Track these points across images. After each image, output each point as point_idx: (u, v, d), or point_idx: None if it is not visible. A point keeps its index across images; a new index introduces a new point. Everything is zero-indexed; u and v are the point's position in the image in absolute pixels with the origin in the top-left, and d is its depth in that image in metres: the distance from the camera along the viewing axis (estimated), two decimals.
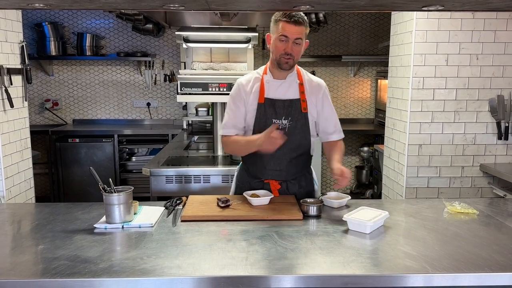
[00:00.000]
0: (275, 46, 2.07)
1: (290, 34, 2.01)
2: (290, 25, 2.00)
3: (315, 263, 1.46)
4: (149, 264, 1.43)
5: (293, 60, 2.08)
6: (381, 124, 4.97)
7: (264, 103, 2.15)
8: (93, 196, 4.49)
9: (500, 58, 3.15)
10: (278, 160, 2.17)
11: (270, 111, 2.14)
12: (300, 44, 2.06)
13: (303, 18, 2.03)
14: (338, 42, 5.56)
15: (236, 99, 2.21)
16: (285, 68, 2.11)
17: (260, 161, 2.20)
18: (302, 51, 2.10)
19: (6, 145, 2.88)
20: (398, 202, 2.83)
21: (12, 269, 1.43)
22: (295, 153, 2.19)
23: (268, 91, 2.16)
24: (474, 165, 3.27)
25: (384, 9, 1.86)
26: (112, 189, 1.79)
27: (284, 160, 2.18)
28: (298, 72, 2.21)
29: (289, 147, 2.13)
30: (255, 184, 2.24)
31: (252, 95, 2.17)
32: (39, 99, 5.53)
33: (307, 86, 2.19)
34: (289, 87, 2.17)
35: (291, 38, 2.02)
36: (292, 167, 2.21)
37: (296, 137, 2.16)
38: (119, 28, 5.45)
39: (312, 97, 2.18)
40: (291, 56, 2.05)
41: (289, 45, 2.03)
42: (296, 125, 2.14)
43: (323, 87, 2.23)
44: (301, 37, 2.04)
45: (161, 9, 1.65)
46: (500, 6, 1.66)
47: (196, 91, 3.05)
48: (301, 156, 2.23)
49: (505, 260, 1.47)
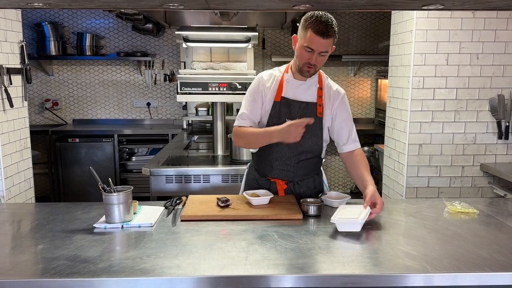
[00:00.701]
0: (300, 54, 2.02)
1: (317, 47, 1.95)
2: (318, 37, 1.92)
3: (315, 262, 1.46)
4: (148, 264, 1.42)
5: (316, 69, 2.05)
6: (381, 123, 4.96)
7: (280, 102, 2.12)
8: (93, 196, 4.49)
9: (501, 57, 3.14)
10: (287, 160, 2.15)
11: (285, 111, 2.11)
12: (325, 55, 2.00)
13: (333, 29, 1.94)
14: (338, 42, 5.51)
15: (255, 92, 2.16)
16: (306, 76, 2.08)
17: (268, 160, 2.19)
18: (327, 58, 2.05)
19: (6, 145, 2.88)
20: (398, 201, 2.83)
21: (12, 269, 1.43)
22: (305, 156, 2.16)
23: (286, 90, 2.13)
24: (475, 164, 3.27)
25: (384, 8, 1.85)
26: (111, 189, 1.79)
27: (293, 161, 2.15)
28: (319, 76, 2.17)
29: (300, 149, 2.12)
30: (262, 182, 2.23)
31: (271, 91, 2.14)
32: (39, 99, 5.53)
33: (325, 91, 2.15)
34: (307, 90, 2.13)
35: (317, 51, 1.96)
36: (300, 168, 2.18)
37: (308, 141, 2.11)
38: (119, 28, 5.45)
39: (329, 103, 2.14)
40: (315, 66, 2.01)
41: (314, 56, 1.97)
42: (310, 129, 2.03)
43: (342, 95, 2.17)
44: (327, 49, 1.98)
45: (160, 8, 1.65)
46: (500, 5, 1.65)
47: (196, 90, 3.05)
48: (310, 159, 2.20)
49: (505, 260, 1.47)
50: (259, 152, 2.20)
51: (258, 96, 2.15)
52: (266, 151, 2.15)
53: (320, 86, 2.14)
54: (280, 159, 2.16)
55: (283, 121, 2.03)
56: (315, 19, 1.93)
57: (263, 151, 2.16)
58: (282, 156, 2.14)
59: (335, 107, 2.15)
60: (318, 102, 2.12)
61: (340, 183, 5.85)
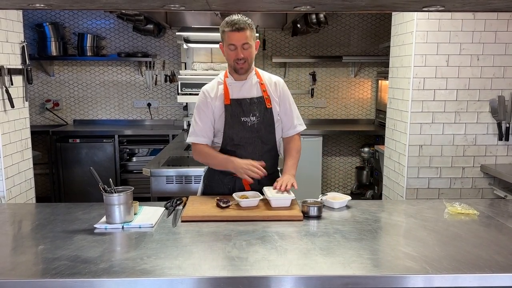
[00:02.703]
0: (228, 55, 2.21)
1: (236, 41, 2.15)
2: (234, 33, 2.14)
3: (316, 263, 1.46)
4: (149, 264, 1.43)
5: (248, 63, 2.21)
6: (382, 124, 4.97)
7: (230, 104, 2.24)
8: (94, 197, 4.49)
9: (501, 58, 3.15)
10: (250, 156, 2.23)
11: (237, 110, 2.24)
12: (249, 47, 2.18)
13: (245, 22, 2.15)
14: (339, 43, 5.56)
15: (203, 107, 2.28)
16: (242, 73, 2.24)
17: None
18: (255, 51, 2.23)
19: (6, 145, 2.88)
20: (398, 202, 2.83)
21: (13, 269, 1.43)
22: (265, 148, 2.30)
23: (232, 92, 2.27)
24: (475, 166, 3.27)
25: (385, 9, 1.86)
26: (112, 190, 1.79)
27: (255, 155, 2.25)
28: (256, 72, 2.33)
29: (259, 141, 2.27)
30: (227, 180, 2.28)
31: (218, 99, 2.26)
32: (40, 100, 5.54)
33: (267, 84, 2.32)
34: (251, 87, 2.29)
35: (238, 45, 2.15)
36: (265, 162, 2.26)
37: (264, 132, 2.28)
38: (119, 28, 5.46)
39: (274, 94, 2.31)
40: (244, 59, 2.18)
41: (239, 51, 2.16)
42: (263, 120, 2.26)
43: (281, 84, 2.35)
44: (247, 41, 2.16)
45: (161, 9, 1.65)
46: (500, 6, 1.66)
47: (196, 91, 3.05)
48: (269, 152, 2.32)
49: (505, 261, 1.47)
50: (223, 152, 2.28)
51: (206, 108, 2.27)
52: (230, 150, 2.26)
53: (260, 81, 2.31)
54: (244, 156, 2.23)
55: (239, 121, 2.23)
56: (226, 21, 2.18)
57: (227, 151, 2.26)
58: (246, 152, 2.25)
59: (279, 96, 2.32)
60: (264, 95, 2.29)
61: (340, 184, 5.85)
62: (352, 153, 5.79)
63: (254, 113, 2.24)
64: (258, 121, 2.25)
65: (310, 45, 5.49)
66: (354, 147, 5.76)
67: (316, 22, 4.61)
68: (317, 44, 5.52)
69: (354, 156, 5.79)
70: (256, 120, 2.24)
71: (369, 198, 5.17)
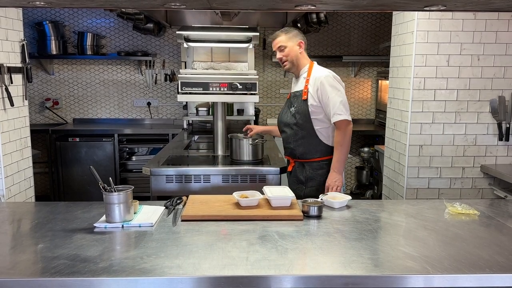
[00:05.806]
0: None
1: (273, 47, 2.73)
2: (272, 41, 2.73)
3: (316, 263, 1.46)
4: (149, 263, 1.42)
5: (288, 62, 2.69)
6: (382, 124, 4.97)
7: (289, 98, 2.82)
8: (93, 195, 4.49)
9: (502, 59, 3.14)
10: (287, 138, 2.75)
11: (288, 102, 2.80)
12: (284, 49, 2.66)
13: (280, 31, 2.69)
14: (339, 42, 5.56)
15: None
16: (286, 71, 2.83)
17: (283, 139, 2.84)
18: (292, 51, 2.66)
19: (6, 143, 2.88)
20: (398, 202, 2.83)
21: (12, 268, 1.43)
22: (301, 134, 2.68)
23: (292, 87, 2.85)
24: (475, 166, 3.27)
25: (386, 9, 1.85)
26: (112, 188, 1.79)
27: (291, 139, 2.72)
28: (309, 68, 2.70)
29: (296, 128, 2.69)
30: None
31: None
32: (40, 98, 5.53)
33: (311, 80, 2.66)
34: (299, 82, 2.75)
35: (276, 49, 2.71)
36: (299, 147, 2.70)
37: (300, 120, 2.67)
38: (119, 27, 5.45)
39: (310, 88, 2.64)
40: (282, 60, 2.70)
41: (277, 54, 2.72)
42: (299, 110, 2.68)
43: (320, 80, 2.61)
44: (281, 44, 2.66)
45: (162, 8, 1.64)
46: (502, 6, 1.65)
47: (196, 90, 3.04)
48: (305, 139, 2.68)
49: (505, 261, 1.47)
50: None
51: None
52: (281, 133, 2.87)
53: (307, 77, 2.68)
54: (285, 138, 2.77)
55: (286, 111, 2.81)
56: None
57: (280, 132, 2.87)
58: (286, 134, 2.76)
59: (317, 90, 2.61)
60: (304, 89, 2.67)
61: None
62: (352, 153, 5.79)
63: (294, 104, 2.70)
64: (295, 110, 2.68)
65: (310, 45, 5.48)
66: (354, 147, 5.75)
67: (317, 22, 4.61)
68: (317, 43, 5.52)
69: (354, 156, 5.79)
70: (294, 110, 2.69)
71: (369, 198, 5.17)
